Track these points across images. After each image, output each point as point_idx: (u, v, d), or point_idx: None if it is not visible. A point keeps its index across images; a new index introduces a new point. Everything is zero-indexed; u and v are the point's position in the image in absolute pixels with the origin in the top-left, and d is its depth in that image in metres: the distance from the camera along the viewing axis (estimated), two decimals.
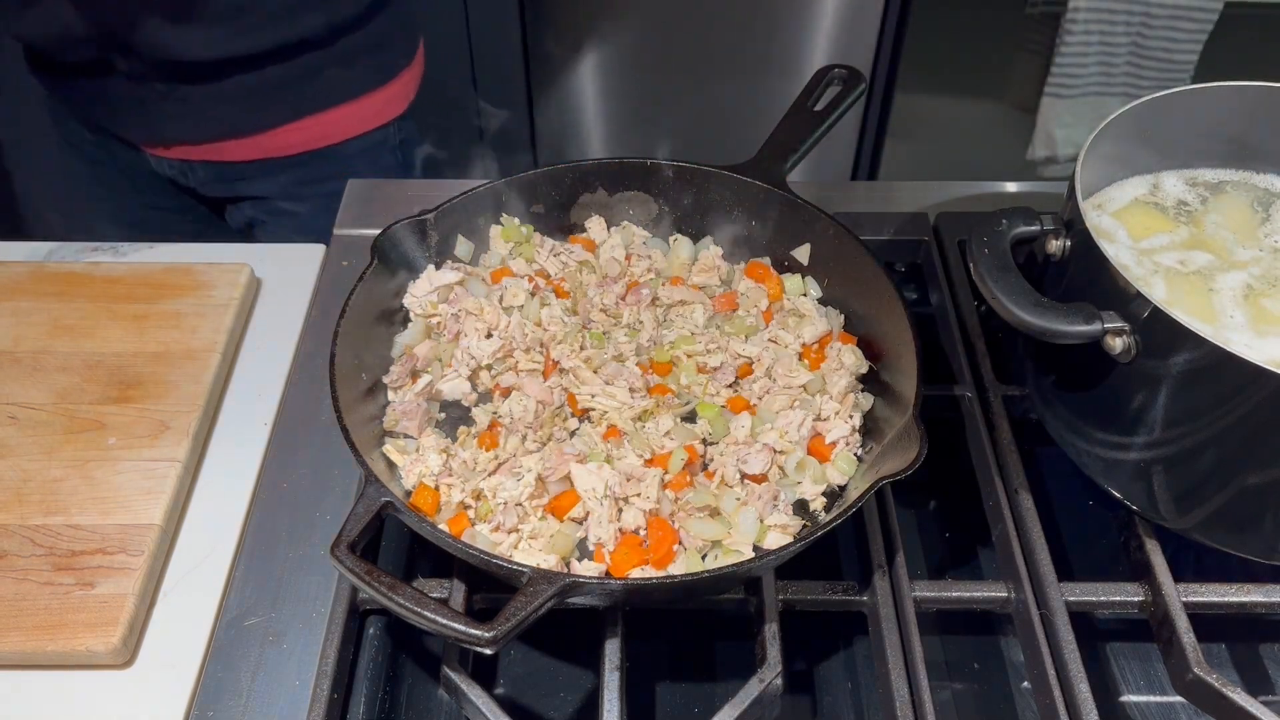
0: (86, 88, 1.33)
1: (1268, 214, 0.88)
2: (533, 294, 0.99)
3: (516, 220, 1.03)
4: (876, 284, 0.92)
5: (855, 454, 0.88)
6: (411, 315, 0.98)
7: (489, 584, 0.81)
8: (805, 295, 1.00)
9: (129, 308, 1.06)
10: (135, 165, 1.44)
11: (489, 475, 0.85)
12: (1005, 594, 0.84)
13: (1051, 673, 0.77)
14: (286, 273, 1.15)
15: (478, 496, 0.84)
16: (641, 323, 0.97)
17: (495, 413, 0.91)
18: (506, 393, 0.92)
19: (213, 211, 1.53)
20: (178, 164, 1.41)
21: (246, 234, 1.51)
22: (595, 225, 1.06)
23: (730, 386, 0.94)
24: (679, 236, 1.06)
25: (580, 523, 0.83)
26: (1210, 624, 0.81)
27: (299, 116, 1.37)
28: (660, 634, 0.86)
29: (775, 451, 0.87)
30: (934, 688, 0.76)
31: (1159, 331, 0.70)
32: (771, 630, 0.77)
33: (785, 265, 1.03)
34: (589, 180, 1.04)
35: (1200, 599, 0.81)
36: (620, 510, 0.83)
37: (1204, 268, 0.83)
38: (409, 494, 0.85)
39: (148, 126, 1.37)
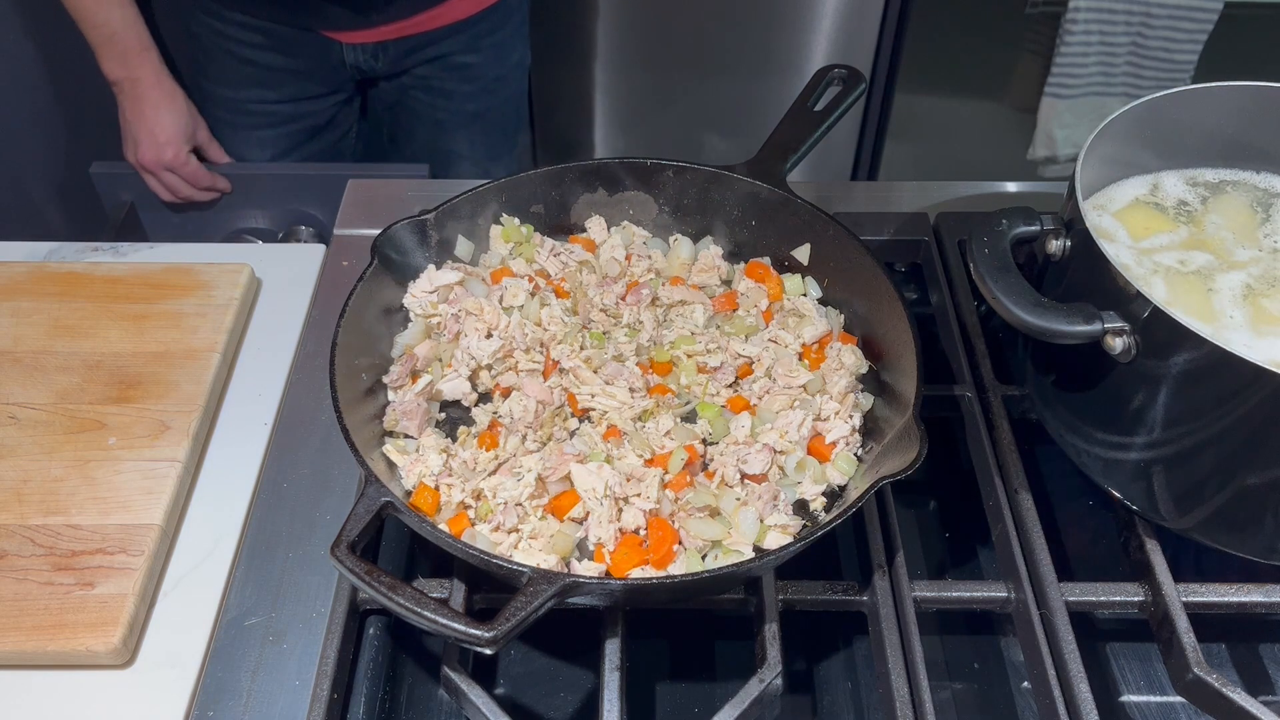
0: None
1: (1267, 214, 0.88)
2: (533, 294, 0.99)
3: (516, 220, 1.03)
4: (876, 284, 0.92)
5: (855, 454, 0.88)
6: (411, 315, 0.98)
7: (489, 584, 0.81)
8: (805, 295, 1.00)
9: (129, 308, 1.06)
10: (310, 60, 1.55)
11: (489, 475, 0.85)
12: (1005, 594, 0.84)
13: (1051, 673, 0.77)
14: (286, 273, 1.15)
15: (478, 496, 0.84)
16: (641, 323, 0.97)
17: (495, 413, 0.91)
18: (506, 393, 0.92)
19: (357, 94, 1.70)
20: (371, 47, 1.54)
21: (397, 110, 1.68)
22: (595, 225, 1.06)
23: (730, 386, 0.94)
24: (679, 236, 1.06)
25: (580, 523, 0.83)
26: (1210, 624, 0.81)
27: None
28: (660, 634, 0.87)
29: (775, 451, 0.87)
30: (934, 688, 0.76)
31: (1159, 331, 0.70)
32: (771, 630, 0.78)
33: (785, 265, 1.03)
34: (589, 180, 1.04)
35: (1200, 599, 0.81)
36: (620, 510, 0.83)
37: (1203, 268, 0.83)
38: (409, 494, 0.85)
39: (356, 16, 1.49)
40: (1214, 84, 0.86)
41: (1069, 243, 0.79)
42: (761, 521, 0.82)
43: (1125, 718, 0.82)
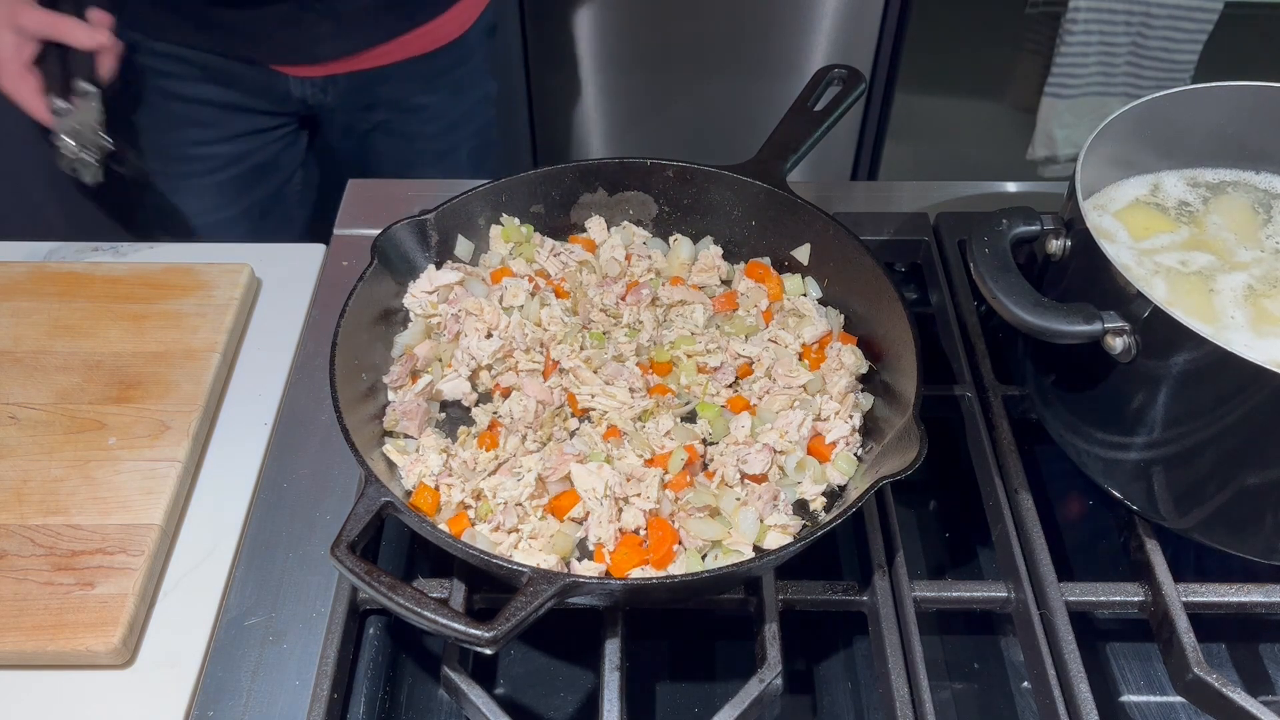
0: (240, 24, 1.35)
1: (1269, 215, 0.88)
2: (533, 294, 0.99)
3: (516, 220, 1.03)
4: (876, 284, 0.92)
5: (855, 454, 0.88)
6: (411, 315, 0.98)
7: (489, 584, 0.81)
8: (805, 295, 1.00)
9: (129, 308, 1.06)
10: (252, 93, 1.44)
11: (489, 475, 0.85)
12: (1005, 594, 0.84)
13: (1051, 673, 0.77)
14: (286, 273, 1.15)
15: (478, 496, 0.84)
16: (641, 323, 0.97)
17: (495, 413, 0.91)
18: (506, 393, 0.92)
19: (315, 133, 1.60)
20: (320, 81, 1.45)
21: (359, 153, 1.58)
22: (595, 225, 1.06)
23: (730, 386, 0.94)
24: (679, 236, 1.06)
25: (580, 523, 0.83)
26: (1210, 624, 0.81)
27: (441, 12, 1.45)
28: (660, 634, 0.86)
29: (775, 451, 0.87)
30: (934, 688, 0.76)
31: (1159, 331, 0.70)
32: (771, 630, 0.78)
33: (785, 265, 1.03)
34: (589, 180, 1.04)
35: (1200, 599, 0.81)
36: (620, 510, 0.83)
37: (1205, 268, 0.83)
38: (409, 494, 0.85)
39: (304, 50, 1.40)
40: (1214, 84, 0.86)
41: (1069, 243, 0.79)
42: (761, 521, 0.82)
43: (1125, 718, 0.82)
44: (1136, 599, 0.82)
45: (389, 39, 1.43)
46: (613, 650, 0.76)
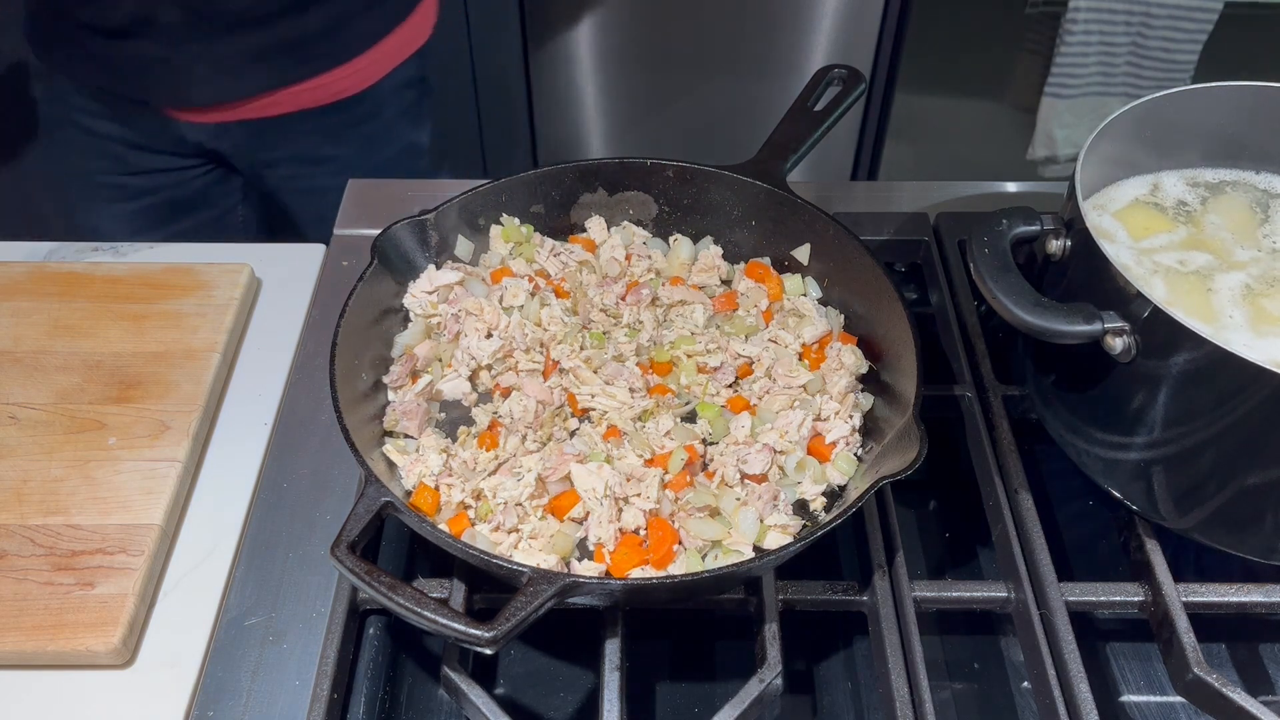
0: (117, 58, 1.32)
1: (1267, 215, 0.88)
2: (533, 294, 0.99)
3: (516, 220, 1.03)
4: (876, 284, 0.92)
5: (855, 454, 0.88)
6: (411, 315, 0.98)
7: (489, 584, 0.81)
8: (805, 295, 1.00)
9: (129, 308, 1.06)
10: (149, 134, 1.41)
11: (489, 475, 0.85)
12: (1005, 594, 0.84)
13: (1051, 673, 0.77)
14: (286, 273, 1.15)
15: (478, 496, 0.84)
16: (641, 323, 0.97)
17: (495, 413, 0.91)
18: (506, 393, 0.92)
19: (233, 182, 1.54)
20: (212, 127, 1.40)
21: (277, 200, 1.51)
22: (595, 225, 1.06)
23: (730, 386, 0.94)
24: (679, 236, 1.06)
25: (580, 523, 0.83)
26: (1210, 624, 0.81)
27: (336, 65, 1.38)
28: (660, 634, 0.86)
29: (775, 451, 0.87)
30: (934, 688, 0.76)
31: (1159, 331, 0.70)
32: (771, 630, 0.78)
33: (785, 265, 1.03)
34: (589, 180, 1.04)
35: (1200, 599, 0.81)
36: (620, 510, 0.83)
37: (1203, 268, 0.83)
38: (409, 494, 0.85)
39: (183, 91, 1.35)
40: (1214, 84, 0.86)
41: (1069, 243, 0.79)
42: (761, 521, 0.82)
43: (1125, 718, 0.82)
44: (1136, 599, 0.82)
45: (275, 88, 1.37)
46: (613, 650, 0.76)
